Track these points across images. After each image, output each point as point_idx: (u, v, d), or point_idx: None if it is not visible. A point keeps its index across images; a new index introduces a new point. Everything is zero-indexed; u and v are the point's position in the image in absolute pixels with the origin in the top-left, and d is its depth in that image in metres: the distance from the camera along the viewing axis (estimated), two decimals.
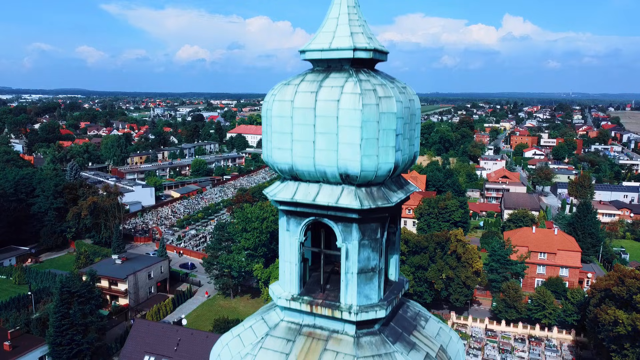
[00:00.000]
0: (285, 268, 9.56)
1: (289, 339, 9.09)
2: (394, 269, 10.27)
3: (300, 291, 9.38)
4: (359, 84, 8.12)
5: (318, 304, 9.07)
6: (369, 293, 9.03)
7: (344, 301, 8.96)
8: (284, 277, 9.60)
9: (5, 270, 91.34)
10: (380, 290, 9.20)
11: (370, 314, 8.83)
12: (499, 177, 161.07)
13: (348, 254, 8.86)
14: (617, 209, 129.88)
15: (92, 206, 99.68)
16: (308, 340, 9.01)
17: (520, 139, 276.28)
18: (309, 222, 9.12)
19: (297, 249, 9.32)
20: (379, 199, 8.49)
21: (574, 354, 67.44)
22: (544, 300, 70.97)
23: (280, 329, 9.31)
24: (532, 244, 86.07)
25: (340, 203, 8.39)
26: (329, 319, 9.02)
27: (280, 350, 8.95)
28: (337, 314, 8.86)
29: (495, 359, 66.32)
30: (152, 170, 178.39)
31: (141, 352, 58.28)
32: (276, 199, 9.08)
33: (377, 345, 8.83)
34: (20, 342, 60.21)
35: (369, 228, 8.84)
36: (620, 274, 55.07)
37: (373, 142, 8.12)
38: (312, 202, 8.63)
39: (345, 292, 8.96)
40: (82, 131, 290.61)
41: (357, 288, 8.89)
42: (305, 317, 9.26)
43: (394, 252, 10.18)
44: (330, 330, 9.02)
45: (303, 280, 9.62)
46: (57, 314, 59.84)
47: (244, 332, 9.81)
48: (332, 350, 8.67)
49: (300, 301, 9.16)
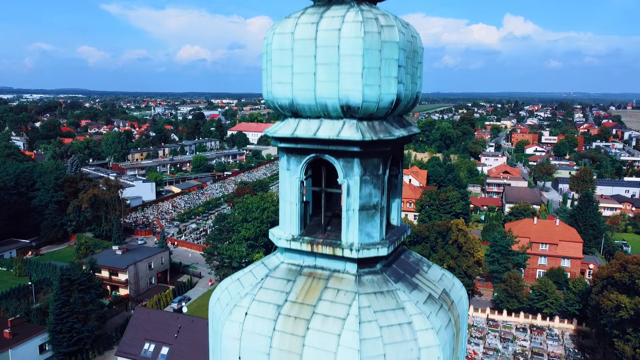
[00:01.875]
0: (285, 209, 9.44)
1: (289, 279, 8.98)
2: (396, 214, 10.17)
3: (300, 232, 9.27)
4: (360, 13, 8.02)
5: (319, 243, 8.95)
6: (370, 231, 8.90)
7: (345, 239, 8.84)
8: (284, 218, 9.48)
9: (6, 263, 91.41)
10: (382, 229, 9.08)
11: (372, 251, 8.70)
12: (500, 173, 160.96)
13: (349, 190, 8.73)
14: (618, 202, 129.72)
15: (93, 199, 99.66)
16: (309, 279, 8.90)
17: (521, 136, 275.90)
18: (310, 160, 8.99)
19: (297, 188, 9.19)
20: (381, 132, 8.37)
21: (575, 343, 67.37)
22: (546, 290, 70.86)
23: (280, 271, 9.20)
24: (533, 235, 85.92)
25: (342, 136, 8.26)
26: (330, 259, 8.90)
27: (281, 290, 8.83)
28: (338, 252, 8.73)
29: (497, 347, 66.27)
30: (152, 167, 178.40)
31: (141, 339, 58.29)
32: (276, 135, 8.96)
33: (378, 283, 8.72)
34: (21, 330, 60.24)
35: (371, 164, 8.72)
36: (622, 261, 54.97)
37: (375, 72, 8.00)
38: (313, 137, 8.51)
39: (347, 230, 8.84)
40: (83, 129, 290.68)
41: (359, 225, 8.76)
42: (306, 259, 9.15)
43: (396, 196, 10.07)
44: (331, 270, 8.90)
45: (304, 222, 9.51)
46: (57, 302, 59.86)
47: (243, 276, 9.71)
48: (333, 288, 8.55)
49: (300, 241, 9.04)
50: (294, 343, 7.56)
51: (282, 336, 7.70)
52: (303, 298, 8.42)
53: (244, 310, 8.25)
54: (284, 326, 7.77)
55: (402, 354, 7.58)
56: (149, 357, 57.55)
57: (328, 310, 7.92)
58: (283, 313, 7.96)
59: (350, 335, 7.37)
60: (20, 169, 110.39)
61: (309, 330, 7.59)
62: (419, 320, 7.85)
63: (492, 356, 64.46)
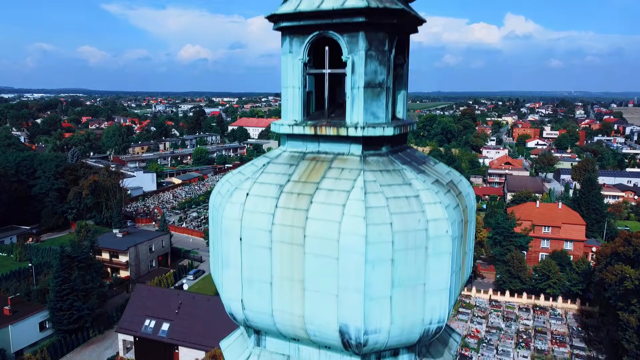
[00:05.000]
0: (288, 95, 9.08)
1: (292, 163, 8.66)
2: (402, 107, 9.87)
3: (303, 118, 8.99)
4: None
5: (322, 125, 8.62)
6: (376, 111, 8.55)
7: (350, 119, 8.52)
8: (286, 105, 9.14)
9: (7, 248, 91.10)
10: (388, 111, 8.77)
11: (377, 130, 8.32)
12: (501, 164, 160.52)
13: (354, 66, 8.42)
14: (621, 191, 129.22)
15: (94, 185, 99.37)
16: (312, 162, 8.60)
17: (523, 130, 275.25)
18: (313, 39, 8.70)
19: (300, 71, 8.87)
20: (387, 2, 8.10)
21: (579, 322, 66.87)
22: (549, 270, 70.37)
23: (282, 158, 8.89)
24: (536, 218, 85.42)
25: (347, 5, 7.99)
26: (334, 142, 8.56)
27: (283, 172, 8.48)
28: (342, 132, 8.38)
29: (500, 326, 65.80)
30: (153, 159, 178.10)
31: (142, 315, 57.94)
32: (280, 12, 8.65)
33: (384, 163, 8.38)
34: (20, 308, 59.92)
35: (376, 38, 8.44)
36: (626, 236, 54.50)
37: None
38: (317, 9, 8.20)
39: (351, 110, 8.51)
40: (84, 125, 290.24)
41: (364, 104, 8.39)
42: (309, 145, 8.80)
43: (402, 87, 9.78)
44: (335, 153, 8.58)
45: (307, 110, 9.22)
46: (57, 279, 59.54)
47: (245, 168, 9.46)
48: (337, 168, 8.18)
49: (304, 125, 8.71)
50: (297, 217, 7.10)
51: (284, 212, 7.29)
52: (306, 177, 8.10)
53: (245, 191, 7.92)
54: (286, 202, 7.36)
55: (409, 223, 7.18)
56: (150, 333, 57.19)
57: (332, 185, 7.58)
58: (285, 191, 7.60)
59: (355, 205, 6.89)
60: (21, 157, 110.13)
61: (313, 204, 7.20)
62: (426, 194, 7.47)
63: (495, 334, 64.00)
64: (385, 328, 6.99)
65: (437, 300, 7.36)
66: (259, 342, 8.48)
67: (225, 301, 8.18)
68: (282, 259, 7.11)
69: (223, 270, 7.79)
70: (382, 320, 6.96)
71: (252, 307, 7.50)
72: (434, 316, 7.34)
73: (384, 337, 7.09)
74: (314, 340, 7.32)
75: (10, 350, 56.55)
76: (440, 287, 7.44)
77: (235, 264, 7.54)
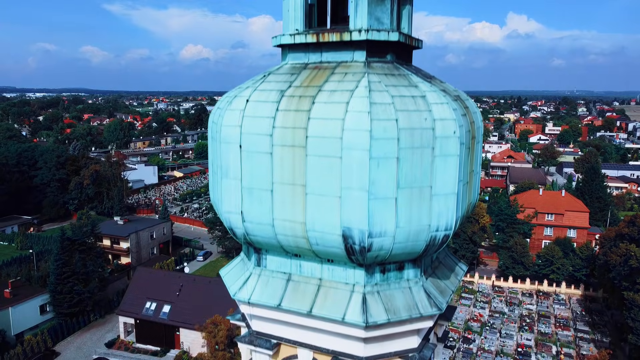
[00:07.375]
0: (289, 4, 8.56)
1: (294, 72, 8.19)
2: (407, 23, 9.43)
3: (305, 28, 8.52)
4: None
5: (325, 32, 8.16)
6: (380, 16, 8.12)
7: (354, 24, 8.08)
8: (287, 16, 8.65)
9: (8, 237, 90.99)
10: (393, 17, 8.35)
11: (382, 34, 7.90)
12: (503, 157, 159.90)
13: None
14: (624, 182, 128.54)
15: (95, 175, 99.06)
16: (314, 70, 8.15)
17: (525, 126, 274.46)
18: None
19: None
20: None
21: (583, 307, 66.36)
22: (552, 256, 69.84)
23: (284, 69, 8.44)
24: (539, 206, 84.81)
25: None
26: (337, 51, 8.13)
27: (284, 80, 8.03)
28: (345, 37, 7.93)
29: (503, 310, 65.33)
30: (155, 154, 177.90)
31: (143, 298, 57.67)
32: None
33: (389, 69, 7.95)
34: (21, 291, 59.74)
35: None
36: (630, 217, 53.99)
37: None
38: None
39: (355, 14, 8.07)
40: (86, 122, 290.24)
41: (368, 8, 7.94)
42: (311, 55, 8.37)
43: (407, 2, 9.32)
44: (338, 61, 8.13)
45: (309, 23, 8.77)
46: (58, 262, 59.27)
47: (244, 84, 9.08)
48: (340, 73, 7.71)
49: (306, 33, 8.25)
50: (299, 118, 6.75)
51: (285, 114, 6.87)
52: (309, 82, 7.69)
53: (245, 98, 7.52)
54: (287, 105, 6.94)
55: (415, 121, 6.78)
56: (150, 315, 56.90)
57: (335, 87, 7.18)
58: (287, 95, 7.21)
59: (359, 101, 6.56)
60: (22, 148, 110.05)
61: (315, 104, 6.78)
62: (433, 96, 7.08)
63: (499, 318, 63.53)
64: (390, 231, 6.60)
65: (444, 205, 6.89)
66: (259, 262, 8.04)
67: (225, 215, 7.68)
68: (283, 164, 6.80)
69: (222, 182, 7.38)
70: (387, 222, 6.58)
71: (252, 219, 7.11)
72: (441, 222, 6.90)
73: (389, 242, 6.69)
74: (315, 250, 6.92)
75: (11, 333, 56.31)
76: (447, 192, 6.93)
77: (235, 174, 7.17)
